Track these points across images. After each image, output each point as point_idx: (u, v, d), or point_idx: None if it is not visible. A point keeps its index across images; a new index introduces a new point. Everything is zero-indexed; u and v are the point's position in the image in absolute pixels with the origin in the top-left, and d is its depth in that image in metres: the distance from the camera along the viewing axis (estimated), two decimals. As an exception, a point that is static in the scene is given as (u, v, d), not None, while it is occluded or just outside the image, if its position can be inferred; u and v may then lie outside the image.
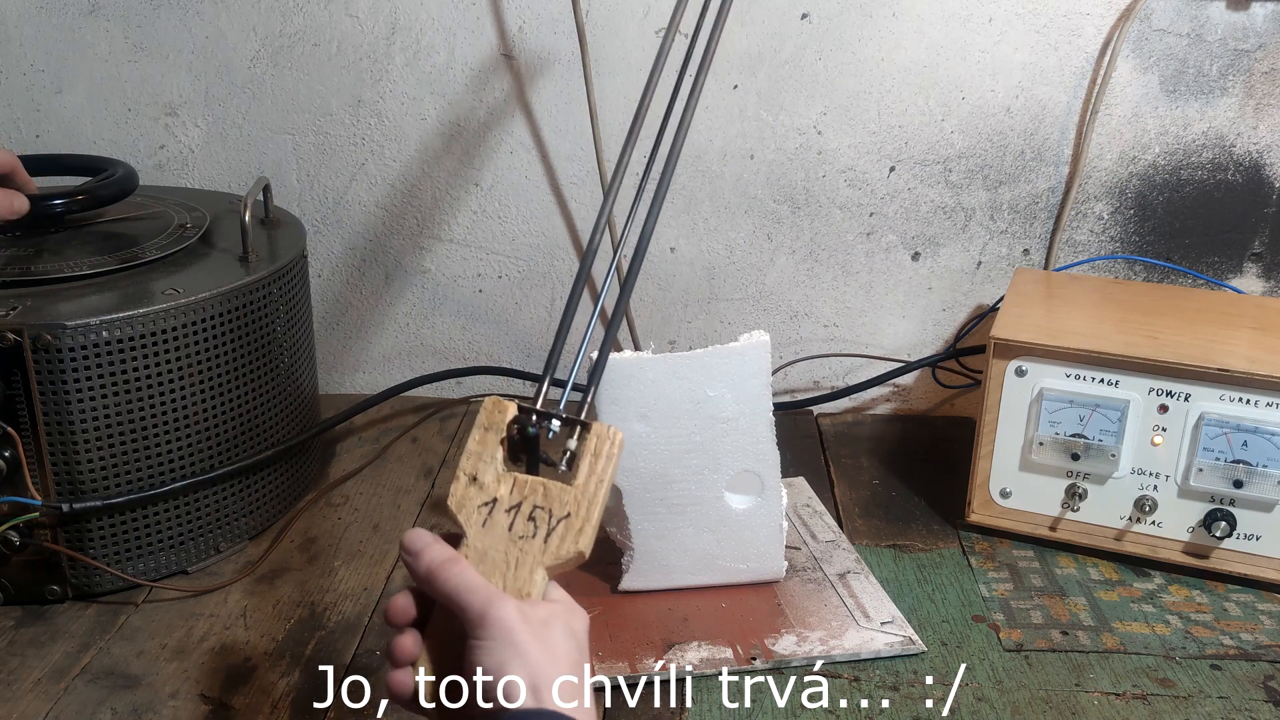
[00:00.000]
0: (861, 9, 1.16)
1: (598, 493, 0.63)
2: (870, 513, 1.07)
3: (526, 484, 0.64)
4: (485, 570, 0.62)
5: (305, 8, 1.19)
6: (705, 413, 0.89)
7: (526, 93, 1.20)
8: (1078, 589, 0.96)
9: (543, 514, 0.63)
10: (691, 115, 0.71)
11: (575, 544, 0.62)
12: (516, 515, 0.64)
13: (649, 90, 0.73)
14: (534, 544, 0.63)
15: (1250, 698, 0.83)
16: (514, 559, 0.63)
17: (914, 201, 1.22)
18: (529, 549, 0.63)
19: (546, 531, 0.63)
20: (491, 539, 0.63)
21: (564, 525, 0.63)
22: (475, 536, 0.64)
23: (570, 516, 0.63)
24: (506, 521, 0.64)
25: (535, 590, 0.62)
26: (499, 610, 0.59)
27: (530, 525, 0.63)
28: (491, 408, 0.66)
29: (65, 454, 0.89)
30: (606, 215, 0.72)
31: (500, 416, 0.66)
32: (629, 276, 0.69)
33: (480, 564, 0.63)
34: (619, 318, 0.72)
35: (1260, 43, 1.13)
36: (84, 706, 0.82)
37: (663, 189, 0.68)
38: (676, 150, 0.69)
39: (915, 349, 1.27)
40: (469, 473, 0.65)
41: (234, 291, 0.95)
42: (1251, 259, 1.20)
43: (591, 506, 0.63)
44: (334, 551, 1.01)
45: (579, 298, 0.72)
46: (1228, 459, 0.92)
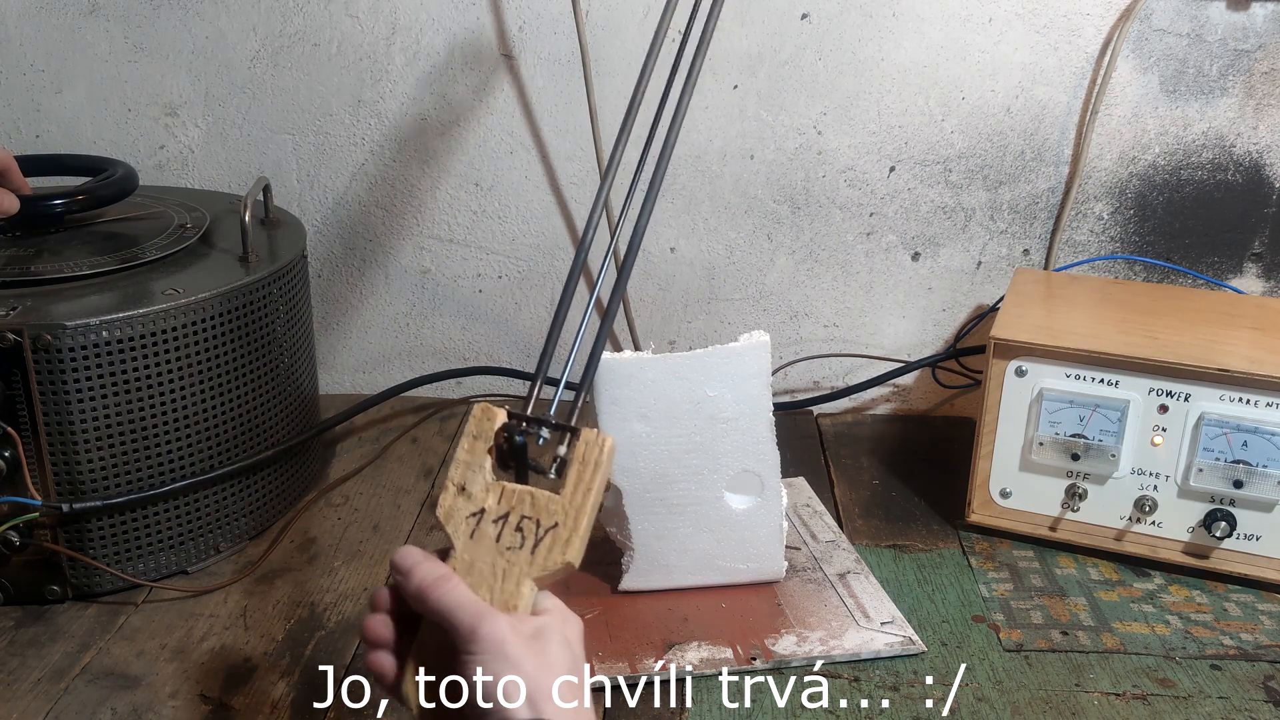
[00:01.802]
0: (861, 9, 1.16)
1: (585, 502, 0.62)
2: (870, 513, 1.07)
3: (514, 493, 0.63)
4: (473, 582, 0.62)
5: (305, 8, 1.19)
6: (705, 413, 0.89)
7: (526, 93, 1.20)
8: (1078, 589, 0.96)
9: (530, 524, 0.62)
10: (685, 108, 0.70)
11: (563, 555, 0.61)
12: (504, 526, 0.63)
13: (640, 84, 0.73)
14: (521, 555, 0.62)
15: (1250, 698, 0.83)
16: (501, 570, 0.62)
17: (914, 201, 1.22)
18: (516, 560, 0.62)
19: (534, 542, 0.62)
20: (479, 550, 0.63)
21: (551, 536, 0.62)
22: (463, 548, 0.63)
23: (558, 527, 0.62)
24: (494, 532, 0.63)
25: (523, 602, 0.61)
26: (489, 626, 0.58)
27: (518, 536, 0.62)
28: (480, 415, 0.65)
29: (65, 454, 0.89)
30: (601, 206, 0.71)
31: (489, 424, 0.65)
32: (622, 273, 0.69)
33: (468, 575, 0.62)
34: (611, 316, 0.71)
35: (1260, 43, 1.13)
36: (84, 707, 0.82)
37: (657, 183, 0.68)
38: (670, 144, 0.68)
39: (915, 349, 1.27)
40: (457, 482, 0.64)
41: (234, 291, 0.95)
42: (1251, 259, 1.20)
43: (579, 516, 0.62)
44: (334, 551, 1.01)
45: (572, 294, 0.71)
46: (1228, 459, 0.92)
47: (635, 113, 0.72)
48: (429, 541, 1.02)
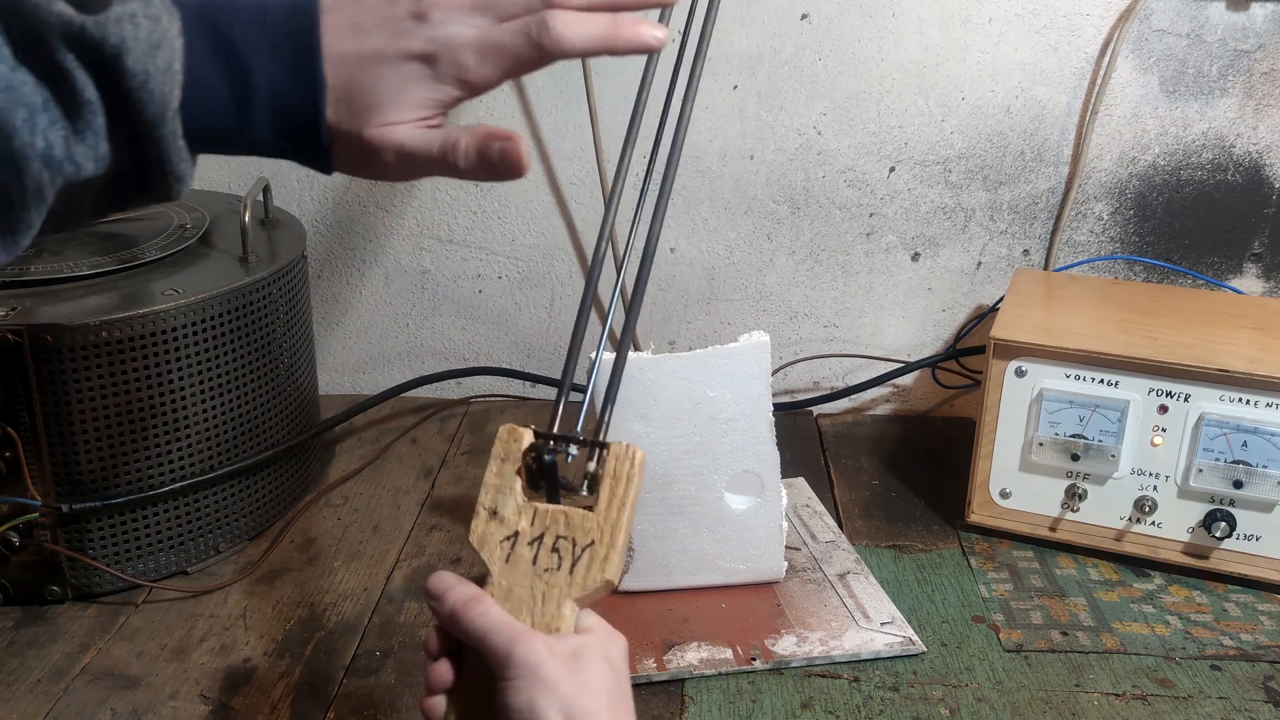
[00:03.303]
0: (861, 9, 1.16)
1: (620, 517, 0.61)
2: (870, 513, 1.07)
3: (548, 514, 0.62)
4: (512, 607, 0.60)
5: (305, 8, 1.18)
6: (705, 413, 0.89)
7: (526, 93, 1.20)
8: (1078, 589, 0.96)
9: (566, 544, 0.61)
10: (690, 111, 0.70)
11: (602, 573, 0.60)
12: (540, 547, 0.61)
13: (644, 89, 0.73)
14: (559, 576, 0.60)
15: (1250, 698, 0.83)
16: (540, 593, 0.60)
17: (914, 202, 1.22)
18: (555, 582, 0.60)
19: (572, 562, 0.61)
20: (516, 574, 0.61)
21: (589, 554, 0.60)
22: (500, 573, 0.61)
23: (594, 544, 0.61)
24: (530, 555, 0.61)
25: (565, 624, 0.60)
26: (524, 648, 0.57)
27: (554, 557, 0.61)
28: (506, 437, 0.63)
29: (65, 454, 0.89)
30: (611, 222, 0.71)
31: (515, 445, 0.63)
32: (639, 284, 0.68)
33: (506, 601, 0.60)
34: (630, 329, 0.70)
35: (1260, 43, 1.13)
36: (84, 707, 0.82)
37: (666, 190, 0.68)
38: (678, 150, 0.68)
39: (915, 349, 1.27)
40: (488, 507, 0.63)
41: (234, 292, 0.95)
42: (1251, 259, 1.20)
43: (615, 532, 0.61)
44: (334, 552, 1.01)
45: (589, 308, 0.70)
46: (1228, 459, 0.92)
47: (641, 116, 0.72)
48: (429, 541, 1.02)
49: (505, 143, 0.53)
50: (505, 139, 0.53)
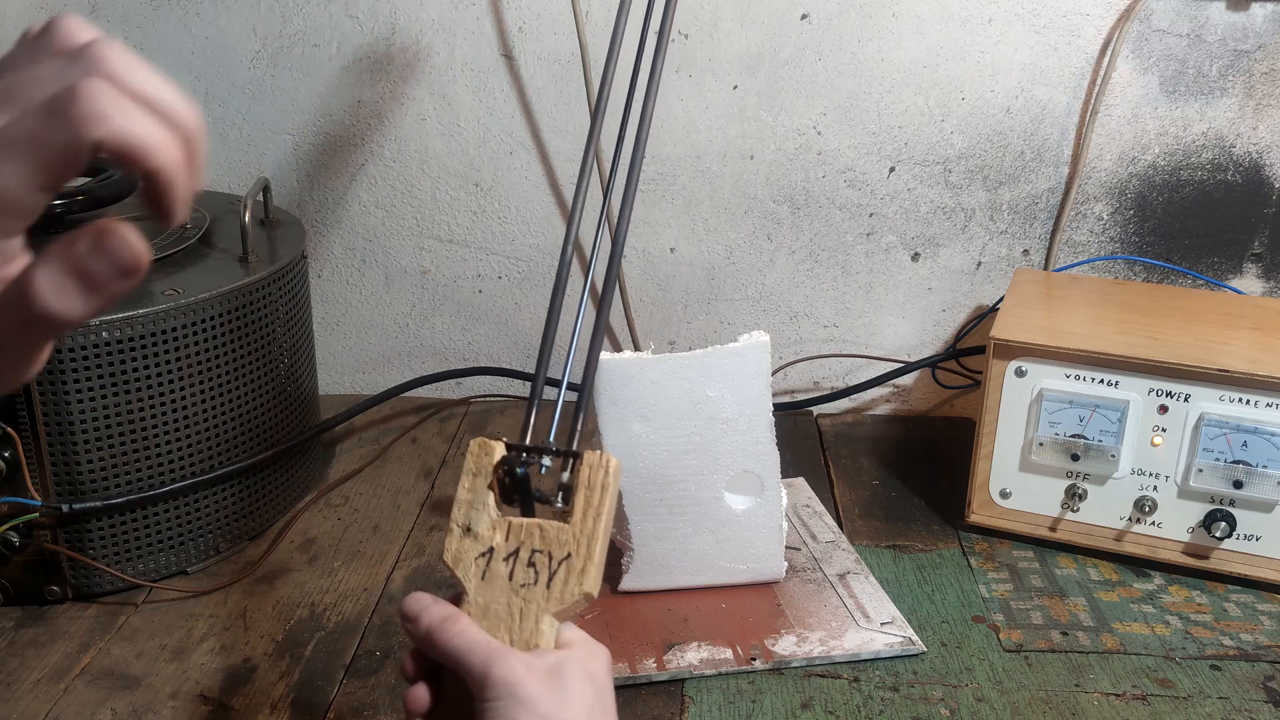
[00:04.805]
0: (861, 9, 1.16)
1: (596, 528, 0.59)
2: (870, 513, 1.07)
3: (522, 528, 0.61)
4: (490, 625, 0.59)
5: (305, 8, 1.19)
6: (705, 413, 0.89)
7: (526, 93, 1.20)
8: (1078, 589, 0.96)
9: (542, 558, 0.60)
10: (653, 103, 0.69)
11: (580, 585, 0.59)
12: (515, 562, 0.60)
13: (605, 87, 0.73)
14: (537, 591, 0.59)
15: (1250, 698, 0.83)
16: (518, 610, 0.59)
17: (914, 202, 1.22)
18: (532, 597, 0.59)
19: (549, 576, 0.59)
20: (493, 591, 0.60)
21: (565, 567, 0.59)
22: (476, 591, 0.60)
23: (571, 557, 0.59)
24: (506, 571, 0.60)
25: (544, 639, 0.59)
26: (501, 668, 0.56)
27: (530, 572, 0.60)
28: (477, 450, 0.62)
29: (65, 454, 0.89)
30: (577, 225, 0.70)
31: (487, 459, 0.62)
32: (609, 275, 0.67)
33: (484, 619, 0.59)
34: (601, 329, 0.68)
35: (1260, 43, 1.13)
36: (84, 707, 0.82)
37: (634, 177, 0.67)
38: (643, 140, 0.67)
39: (915, 349, 1.27)
40: (462, 524, 0.61)
41: (234, 292, 0.95)
42: (1251, 259, 1.20)
43: (592, 544, 0.59)
44: (334, 552, 1.01)
45: (559, 312, 0.68)
46: (1228, 459, 0.92)
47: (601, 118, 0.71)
48: (429, 541, 1.02)
49: (102, 237, 0.40)
50: (101, 234, 0.40)
